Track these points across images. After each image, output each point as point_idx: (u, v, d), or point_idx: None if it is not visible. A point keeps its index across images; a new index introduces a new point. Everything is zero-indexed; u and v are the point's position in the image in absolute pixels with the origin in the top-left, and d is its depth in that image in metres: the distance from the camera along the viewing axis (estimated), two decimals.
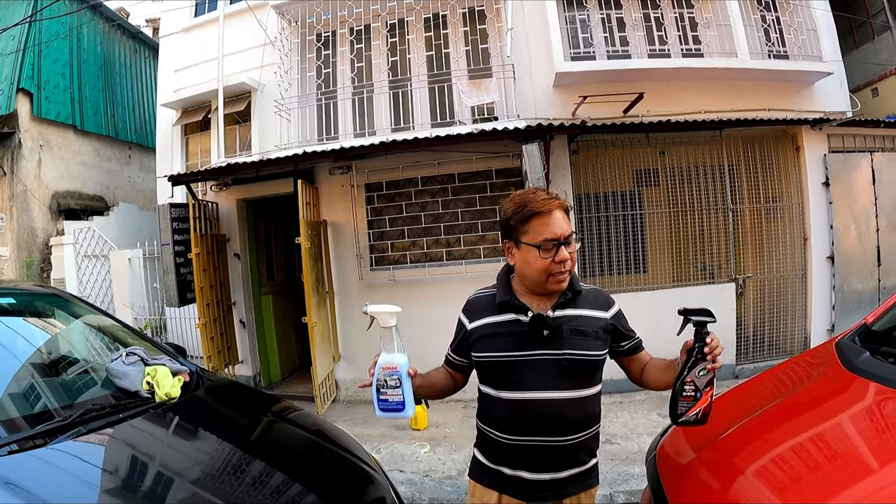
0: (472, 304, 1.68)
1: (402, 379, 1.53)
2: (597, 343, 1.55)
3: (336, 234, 5.98)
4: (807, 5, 6.04)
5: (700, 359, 1.38)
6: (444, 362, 1.77)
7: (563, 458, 1.54)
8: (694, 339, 1.39)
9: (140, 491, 1.63)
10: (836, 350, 2.02)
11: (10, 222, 8.05)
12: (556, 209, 1.49)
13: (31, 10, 8.08)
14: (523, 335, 1.52)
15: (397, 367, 1.53)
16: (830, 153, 5.84)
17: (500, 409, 1.56)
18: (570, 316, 1.54)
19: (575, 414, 1.52)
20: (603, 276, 5.69)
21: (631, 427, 4.61)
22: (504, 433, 1.56)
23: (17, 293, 2.70)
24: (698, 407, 1.42)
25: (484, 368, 1.61)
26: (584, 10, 6.01)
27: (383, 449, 4.47)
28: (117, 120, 9.78)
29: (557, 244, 1.47)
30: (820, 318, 5.75)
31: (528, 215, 1.50)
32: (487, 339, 1.58)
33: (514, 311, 1.55)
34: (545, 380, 1.50)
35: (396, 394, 1.54)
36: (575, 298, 1.57)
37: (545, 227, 1.48)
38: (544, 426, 1.50)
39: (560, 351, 1.50)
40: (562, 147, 5.50)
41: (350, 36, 6.20)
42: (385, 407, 1.56)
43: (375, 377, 1.56)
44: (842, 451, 1.49)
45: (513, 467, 1.56)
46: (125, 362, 2.29)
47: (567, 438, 1.51)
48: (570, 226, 1.52)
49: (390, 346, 1.56)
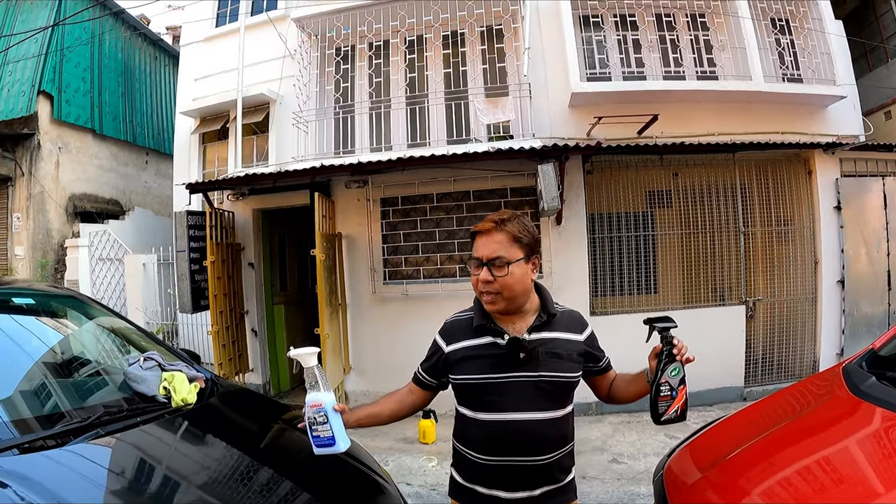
0: (450, 328, 1.69)
1: (328, 415, 1.56)
2: (572, 365, 1.58)
3: (350, 248, 6.04)
4: (821, 29, 6.07)
5: (669, 360, 1.48)
6: (412, 379, 1.78)
7: (538, 476, 1.55)
8: (661, 344, 1.50)
9: (159, 496, 1.66)
10: (843, 374, 2.04)
11: (26, 222, 8.17)
12: (494, 231, 1.53)
13: (55, 14, 8.23)
14: (500, 358, 1.54)
15: (322, 405, 1.56)
16: (843, 177, 5.86)
17: (476, 430, 1.58)
18: (545, 339, 1.56)
19: (550, 434, 1.55)
20: (614, 295, 5.72)
21: (638, 447, 4.63)
22: (480, 453, 1.58)
23: (35, 294, 2.70)
24: (676, 404, 1.51)
25: (461, 390, 1.62)
26: (601, 31, 6.07)
27: (391, 461, 4.48)
28: (135, 125, 9.93)
29: (481, 264, 1.52)
30: (829, 342, 5.77)
31: (472, 235, 1.60)
32: (465, 361, 1.59)
33: (490, 335, 1.57)
34: (521, 401, 1.52)
35: (326, 430, 1.57)
36: (550, 321, 1.59)
37: (476, 246, 1.56)
38: (520, 446, 1.52)
39: (536, 373, 1.52)
40: (576, 167, 5.55)
41: (369, 51, 6.27)
42: (318, 443, 1.59)
43: (306, 415, 1.59)
44: (847, 474, 1.51)
45: (487, 486, 1.57)
46: (143, 367, 2.31)
47: (542, 458, 1.53)
48: (509, 250, 1.51)
49: (315, 385, 1.59)
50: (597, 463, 4.33)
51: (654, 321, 1.52)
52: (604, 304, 5.70)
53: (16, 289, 2.71)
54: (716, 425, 2.25)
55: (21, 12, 8.58)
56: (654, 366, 1.51)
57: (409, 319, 5.71)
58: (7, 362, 2.07)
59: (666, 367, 1.48)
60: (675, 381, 1.49)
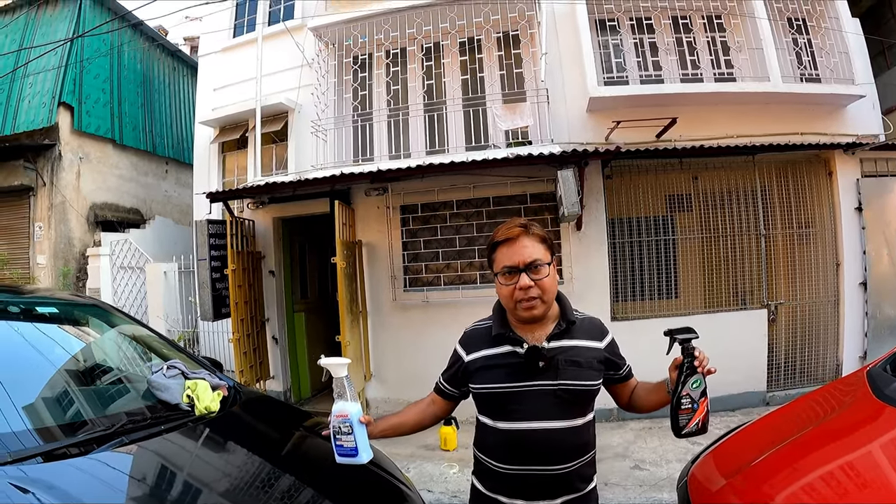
0: (469, 336, 1.69)
1: (353, 426, 1.58)
2: (592, 373, 1.56)
3: (371, 255, 6.08)
4: (838, 28, 6.02)
5: (691, 372, 1.46)
6: (433, 389, 1.78)
7: (559, 485, 1.54)
8: (682, 356, 1.47)
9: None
10: (867, 379, 2.04)
11: (48, 231, 8.29)
12: (520, 236, 1.53)
13: (74, 27, 8.36)
14: (519, 367, 1.53)
15: (348, 415, 1.58)
16: (863, 178, 5.80)
17: (496, 439, 1.58)
18: (565, 347, 1.56)
19: (570, 442, 1.54)
20: (634, 300, 5.71)
21: (660, 453, 4.62)
22: (500, 462, 1.57)
23: (58, 303, 2.73)
24: (697, 417, 1.49)
25: (481, 399, 1.62)
26: (618, 34, 6.07)
27: (412, 468, 4.50)
28: (155, 135, 10.05)
29: (517, 271, 1.51)
30: (852, 345, 5.71)
31: (492, 246, 1.58)
32: (484, 370, 1.59)
33: (509, 343, 1.57)
34: (541, 410, 1.51)
35: (349, 440, 1.58)
36: (569, 329, 1.58)
37: (504, 255, 1.53)
38: (540, 455, 1.52)
39: (556, 382, 1.52)
40: (596, 172, 5.56)
41: (386, 59, 6.32)
42: (341, 452, 1.61)
43: (331, 424, 1.61)
44: (871, 479, 1.51)
45: (509, 496, 1.57)
46: (166, 375, 2.33)
47: (562, 467, 1.52)
48: (542, 252, 1.53)
49: (344, 395, 1.61)
50: (619, 469, 4.33)
51: (675, 332, 1.50)
52: (625, 309, 5.68)
53: (39, 297, 2.74)
54: (739, 431, 2.25)
55: (41, 25, 8.72)
56: (675, 377, 1.49)
57: (430, 326, 5.73)
58: (31, 370, 2.09)
59: (687, 380, 1.47)
60: (697, 393, 1.47)
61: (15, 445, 1.63)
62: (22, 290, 2.93)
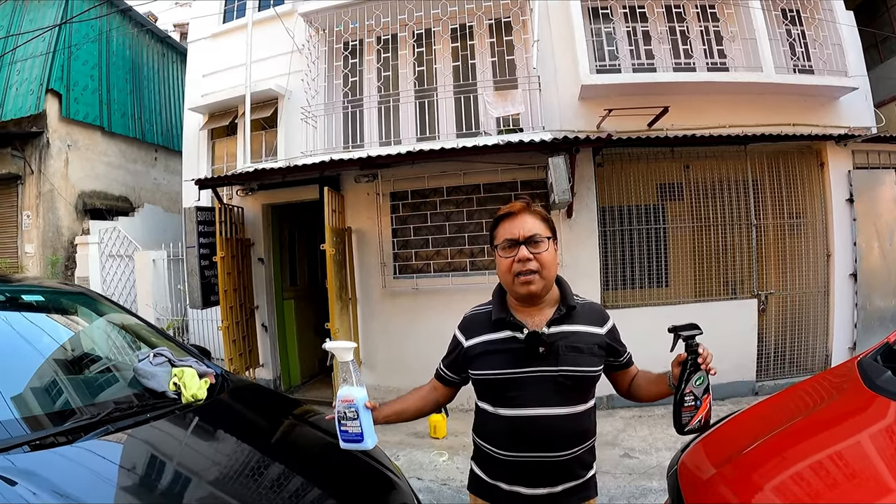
0: (469, 322, 1.69)
1: (359, 411, 1.55)
2: (592, 359, 1.55)
3: (360, 242, 6.05)
4: (831, 20, 6.01)
5: (694, 370, 1.45)
6: (434, 376, 1.78)
7: (559, 472, 1.54)
8: (686, 352, 1.46)
9: (169, 492, 1.65)
10: (858, 369, 2.02)
11: (36, 220, 8.21)
12: (521, 212, 1.55)
13: (62, 13, 8.25)
14: (519, 352, 1.52)
15: (354, 401, 1.55)
16: (855, 169, 5.81)
17: (496, 425, 1.57)
18: (565, 332, 1.55)
19: (571, 429, 1.53)
20: (625, 289, 5.70)
21: (650, 442, 4.62)
22: (500, 449, 1.57)
23: (45, 291, 2.70)
24: (700, 414, 1.49)
25: (481, 385, 1.62)
26: (610, 22, 6.04)
27: (402, 456, 4.49)
28: (144, 122, 9.96)
29: (517, 243, 1.51)
30: (842, 336, 5.73)
31: (496, 221, 1.60)
32: (484, 356, 1.58)
33: (509, 329, 1.56)
34: (542, 396, 1.51)
35: (355, 426, 1.56)
36: (570, 314, 1.57)
37: (505, 229, 1.55)
38: (540, 442, 1.51)
39: (556, 368, 1.51)
40: (587, 160, 5.53)
41: (377, 45, 6.25)
42: (346, 438, 1.59)
43: (336, 409, 1.59)
44: (861, 469, 1.50)
45: (509, 482, 1.56)
46: (153, 363, 2.31)
47: (563, 454, 1.52)
48: (542, 228, 1.54)
49: (349, 380, 1.58)
50: (608, 457, 4.32)
51: (679, 329, 1.48)
52: (615, 297, 5.67)
53: (26, 286, 2.72)
54: (730, 420, 2.23)
55: (28, 11, 8.60)
56: (678, 374, 1.47)
57: (420, 313, 5.72)
58: (17, 359, 2.08)
59: (690, 377, 1.45)
60: (700, 390, 1.47)
61: (2, 434, 1.63)
62: (9, 279, 2.90)
